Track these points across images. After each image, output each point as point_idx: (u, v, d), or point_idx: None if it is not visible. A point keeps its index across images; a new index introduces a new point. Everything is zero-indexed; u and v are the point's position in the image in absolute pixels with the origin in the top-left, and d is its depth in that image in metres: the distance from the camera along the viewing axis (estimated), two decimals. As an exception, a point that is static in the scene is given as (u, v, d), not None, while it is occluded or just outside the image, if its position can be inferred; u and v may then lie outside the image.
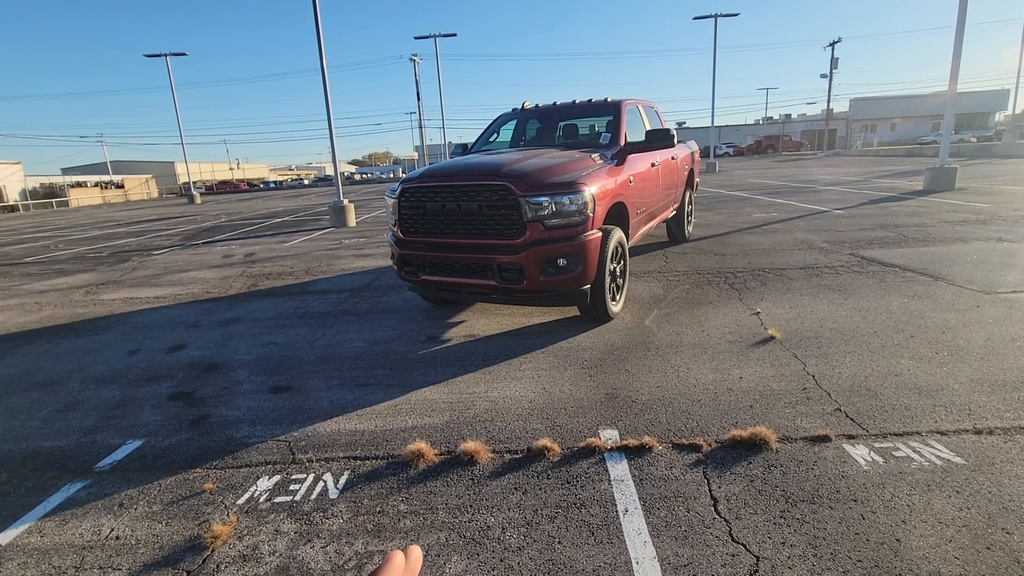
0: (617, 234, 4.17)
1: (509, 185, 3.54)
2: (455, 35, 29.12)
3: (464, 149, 5.60)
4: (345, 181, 64.19)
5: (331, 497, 2.28)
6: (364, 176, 73.51)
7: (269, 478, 2.45)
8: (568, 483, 2.28)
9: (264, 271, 7.60)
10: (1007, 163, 19.94)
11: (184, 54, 29.46)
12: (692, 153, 7.55)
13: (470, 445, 2.54)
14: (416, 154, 74.56)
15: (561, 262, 3.66)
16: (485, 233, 3.71)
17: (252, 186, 68.27)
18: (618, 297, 4.40)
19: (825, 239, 7.12)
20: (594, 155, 4.23)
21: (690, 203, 7.76)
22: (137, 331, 4.98)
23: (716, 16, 24.71)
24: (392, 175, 68.82)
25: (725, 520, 1.98)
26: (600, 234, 3.83)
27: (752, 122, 72.36)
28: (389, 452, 2.60)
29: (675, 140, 4.59)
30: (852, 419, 2.62)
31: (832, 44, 37.72)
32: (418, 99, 48.42)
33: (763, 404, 2.83)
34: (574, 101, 5.56)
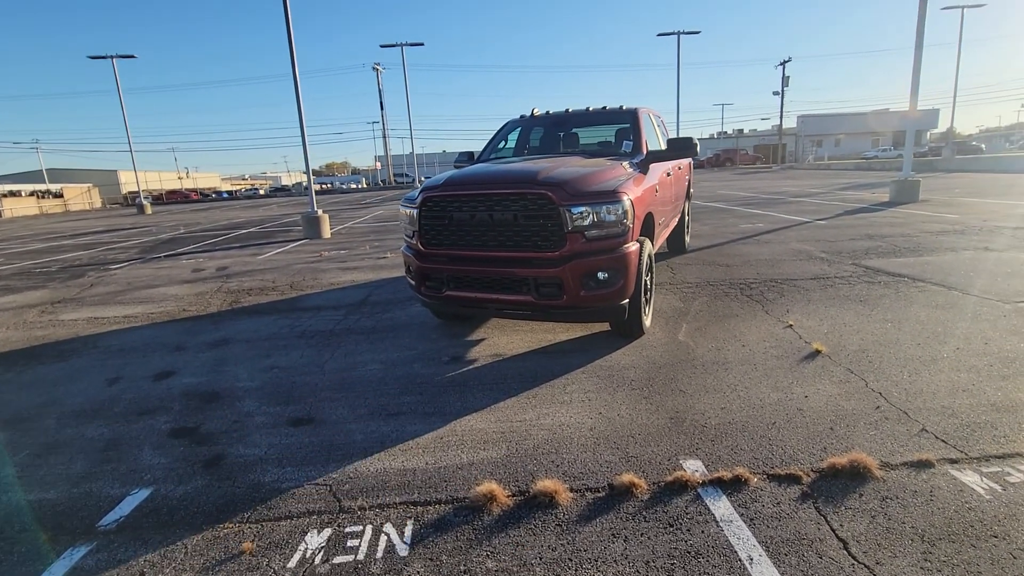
0: (648, 245, 3.99)
1: (548, 193, 3.30)
2: (422, 44, 28.88)
3: (470, 158, 5.33)
4: (304, 191, 62.42)
5: (401, 554, 1.94)
6: (325, 186, 71.69)
7: (319, 532, 2.08)
8: (671, 526, 2.03)
9: (244, 286, 7.05)
10: (952, 177, 21.24)
11: (132, 56, 27.97)
12: (689, 163, 7.54)
13: (546, 484, 2.25)
14: (378, 164, 73.33)
15: (602, 275, 3.43)
16: (520, 245, 3.44)
17: (204, 196, 65.39)
18: (647, 311, 4.21)
19: (821, 249, 7.20)
20: (624, 163, 4.04)
21: (687, 214, 7.73)
22: (112, 355, 4.42)
23: (679, 33, 25.48)
24: (355, 185, 67.39)
25: (867, 567, 1.77)
26: (638, 245, 3.63)
27: (708, 136, 75.08)
28: (452, 494, 2.28)
29: (698, 149, 4.48)
30: (944, 441, 2.48)
31: (783, 63, 39.64)
32: (381, 108, 47.74)
33: (843, 426, 2.66)
34: (587, 108, 5.39)
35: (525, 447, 2.64)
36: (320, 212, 12.35)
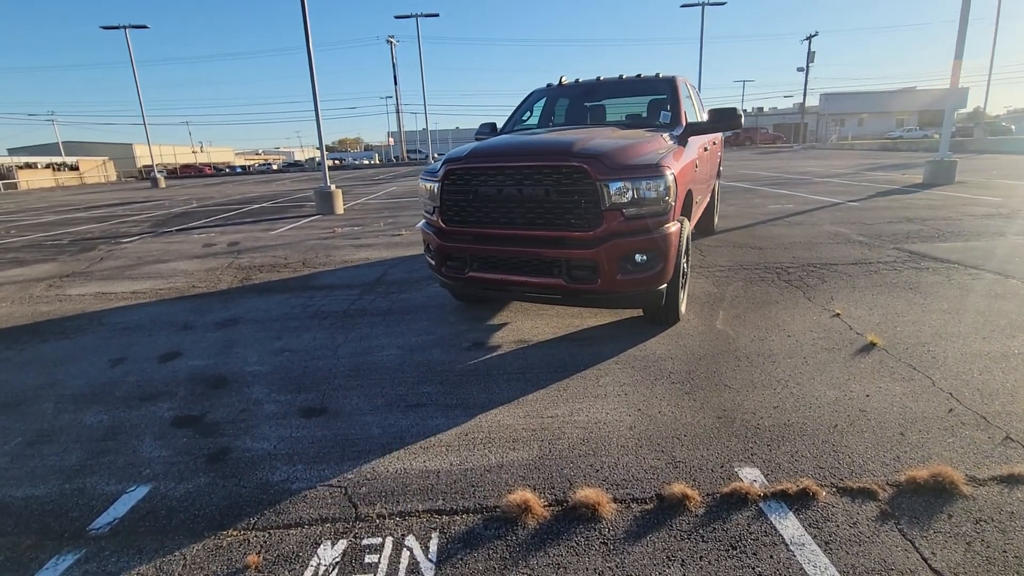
0: (687, 226, 3.68)
1: (584, 166, 2.98)
2: (437, 15, 28.03)
3: (493, 129, 4.99)
4: (316, 166, 62.15)
5: (426, 575, 1.71)
6: (337, 162, 71.24)
7: (332, 544, 1.86)
8: (733, 548, 1.77)
9: (255, 262, 6.83)
10: (983, 158, 20.37)
11: (144, 27, 27.53)
12: (721, 138, 7.11)
13: (587, 493, 2.00)
14: (391, 140, 72.60)
15: (640, 258, 3.13)
16: (552, 223, 3.14)
17: (218, 170, 65.39)
18: (683, 296, 3.91)
19: (858, 232, 6.80)
20: (664, 135, 3.69)
21: (716, 193, 7.34)
22: (117, 334, 4.23)
23: (704, 4, 24.43)
24: (367, 161, 66.90)
25: (974, 607, 1.51)
26: (679, 225, 3.32)
27: (727, 114, 73.02)
28: (482, 503, 2.04)
29: (742, 120, 4.10)
30: (1036, 452, 2.19)
31: (809, 38, 38.09)
32: (395, 83, 47.02)
33: (915, 431, 2.38)
34: (620, 76, 5.00)
35: (559, 447, 2.39)
36: (333, 187, 12.07)
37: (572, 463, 2.27)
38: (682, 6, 24.92)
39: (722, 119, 4.11)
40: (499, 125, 5.07)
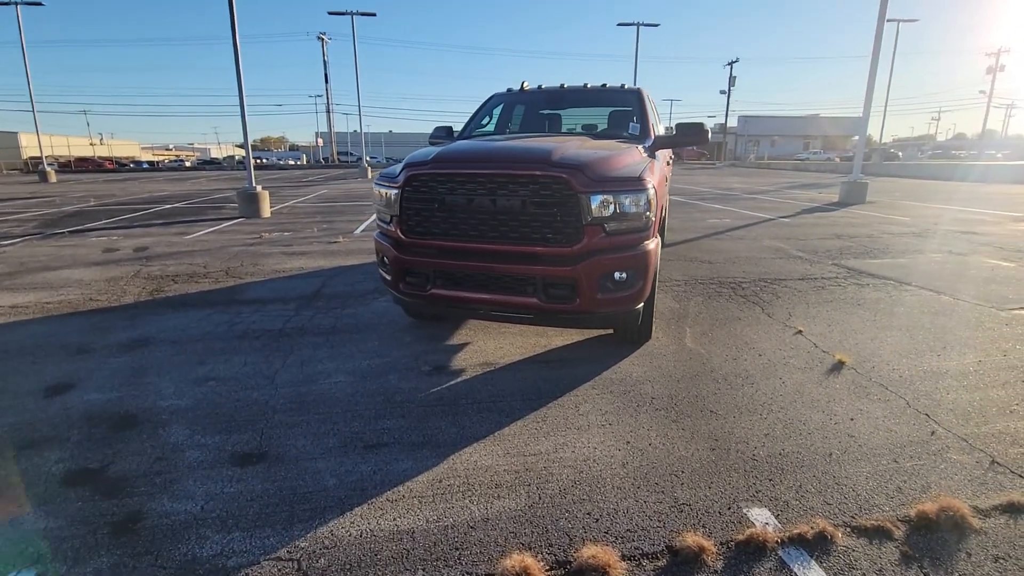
0: (659, 241, 3.55)
1: (565, 177, 2.74)
2: (374, 15, 27.12)
3: (449, 133, 4.66)
4: (237, 165, 58.35)
5: None
6: (260, 161, 67.21)
7: (287, 646, 1.45)
8: (765, 612, 1.56)
9: (167, 271, 6.02)
10: (881, 180, 22.51)
11: (39, 3, 24.54)
12: (671, 153, 7.19)
13: (593, 552, 1.73)
14: (320, 140, 69.58)
15: (620, 276, 2.93)
16: (527, 238, 2.87)
17: (121, 165, 59.68)
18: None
19: (796, 247, 7.09)
20: (639, 147, 3.54)
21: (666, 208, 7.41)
22: (-11, 361, 3.46)
23: (638, 24, 25.40)
24: (293, 162, 63.66)
25: (1031, 670, 1.38)
26: (657, 241, 3.16)
27: (654, 131, 76.66)
28: (471, 570, 1.71)
29: (709, 135, 4.06)
30: (1021, 476, 2.18)
31: (731, 63, 40.82)
32: (326, 81, 45.22)
33: (907, 458, 2.32)
34: (585, 85, 4.85)
35: (549, 492, 2.10)
36: (259, 188, 11.14)
37: (567, 512, 1.99)
38: (618, 24, 25.84)
39: (688, 134, 4.04)
40: (455, 129, 4.75)
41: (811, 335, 3.80)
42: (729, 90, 39.54)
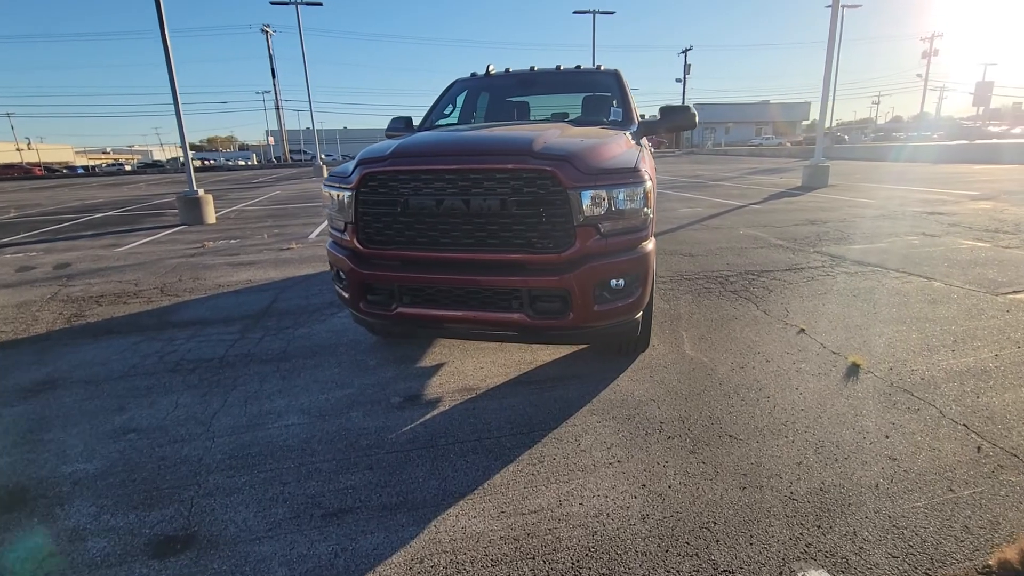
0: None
1: (551, 170, 2.31)
2: (320, 3, 25.84)
3: (408, 125, 4.14)
4: (181, 168, 55.42)
5: None
6: (208, 163, 63.99)
7: None
8: None
9: (92, 291, 5.29)
10: (833, 163, 23.01)
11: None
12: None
13: (630, 664, 1.32)
14: (271, 139, 66.81)
15: (617, 283, 2.53)
16: (508, 244, 2.42)
17: (52, 171, 55.81)
18: (643, 318, 3.40)
19: (774, 235, 6.90)
20: (626, 134, 3.14)
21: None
22: None
23: (595, 12, 25.13)
24: (244, 162, 60.95)
25: None
26: (654, 241, 2.78)
27: (612, 121, 77.14)
28: None
29: (696, 119, 3.70)
30: (1100, 501, 1.91)
31: (685, 51, 41.21)
32: (273, 76, 43.45)
33: (961, 484, 2.01)
34: (558, 67, 4.41)
35: (560, 568, 1.68)
36: (202, 192, 10.25)
37: (586, 596, 1.58)
38: (574, 12, 25.53)
39: (674, 117, 3.67)
40: (415, 121, 4.24)
41: (815, 334, 3.52)
42: (685, 78, 39.99)
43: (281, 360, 3.38)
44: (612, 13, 25.41)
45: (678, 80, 40.06)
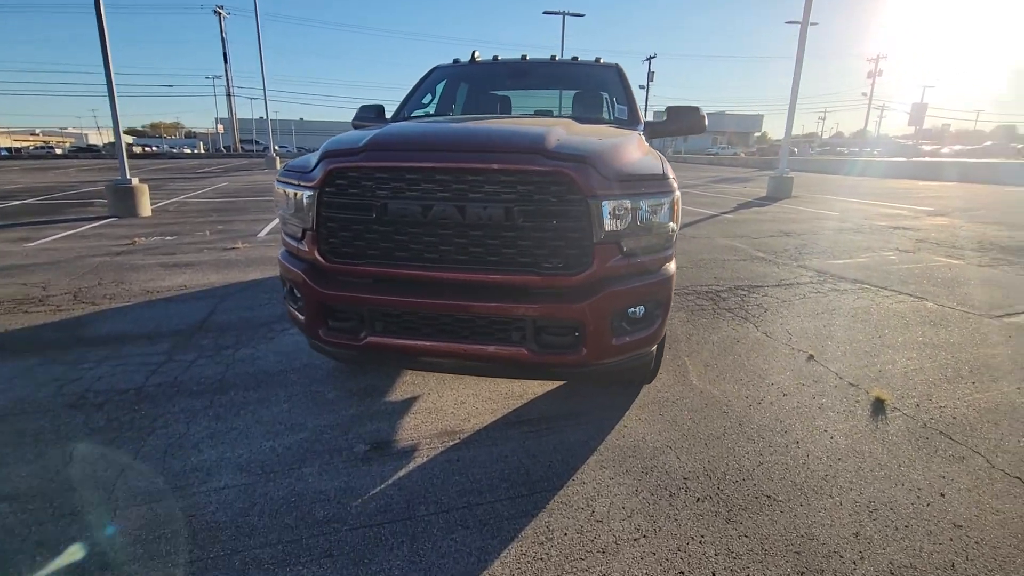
0: None
1: (570, 174, 1.86)
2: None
3: (380, 114, 3.60)
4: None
5: None
6: (149, 149, 59.98)
7: None
8: None
9: (-13, 296, 4.44)
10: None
11: None
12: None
13: None
14: (221, 127, 63.35)
15: (635, 312, 2.11)
16: (512, 262, 1.96)
17: (-30, 152, 51.00)
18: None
19: (753, 247, 6.73)
20: (638, 134, 2.73)
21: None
22: None
23: (564, 14, 24.95)
24: (190, 150, 57.56)
25: None
26: (674, 260, 2.38)
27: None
28: None
29: (705, 123, 3.34)
30: None
31: (649, 59, 41.78)
32: (225, 60, 41.45)
33: (1051, 563, 1.70)
34: (553, 58, 3.97)
35: None
36: (135, 181, 9.22)
37: None
38: (544, 12, 25.23)
39: (683, 119, 3.31)
40: (387, 111, 3.70)
41: (826, 361, 3.23)
42: (648, 85, 40.55)
43: (217, 392, 2.78)
44: (582, 15, 25.32)
45: (642, 87, 40.57)
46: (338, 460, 2.20)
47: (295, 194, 2.13)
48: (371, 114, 3.55)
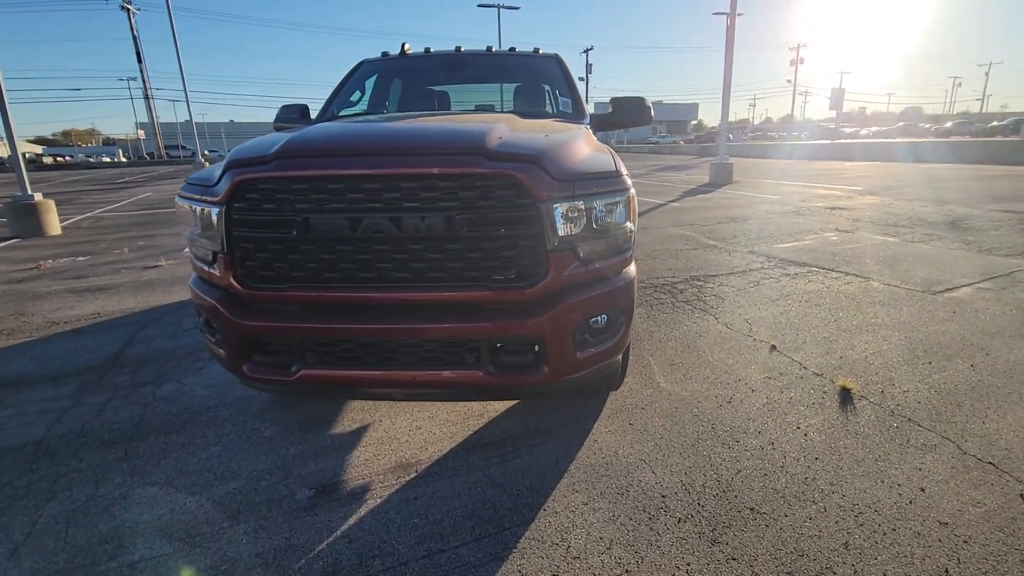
0: None
1: (517, 176, 1.65)
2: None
3: (304, 114, 3.27)
4: (29, 166, 47.51)
5: None
6: (61, 159, 55.33)
7: None
8: None
9: None
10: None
11: None
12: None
13: None
14: (142, 133, 59.15)
15: (598, 321, 1.94)
16: (459, 276, 1.73)
17: None
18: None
19: (703, 234, 6.77)
20: (584, 127, 2.56)
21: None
22: None
23: (499, 6, 24.69)
24: (108, 159, 53.54)
25: None
26: (634, 262, 2.22)
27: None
28: None
29: (652, 114, 3.22)
30: None
31: (586, 51, 42.22)
32: (139, 60, 38.90)
33: (1036, 555, 1.66)
34: (489, 49, 3.73)
35: None
36: (39, 197, 8.31)
37: None
38: (479, 5, 24.85)
39: (629, 111, 3.17)
40: (312, 111, 3.37)
41: (788, 351, 3.19)
42: (587, 77, 40.97)
43: (132, 439, 2.41)
44: (517, 8, 25.16)
45: (581, 79, 40.94)
46: (277, 512, 1.92)
47: (201, 211, 1.82)
48: (294, 114, 3.22)
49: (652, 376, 2.92)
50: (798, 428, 2.38)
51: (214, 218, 1.76)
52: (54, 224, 8.36)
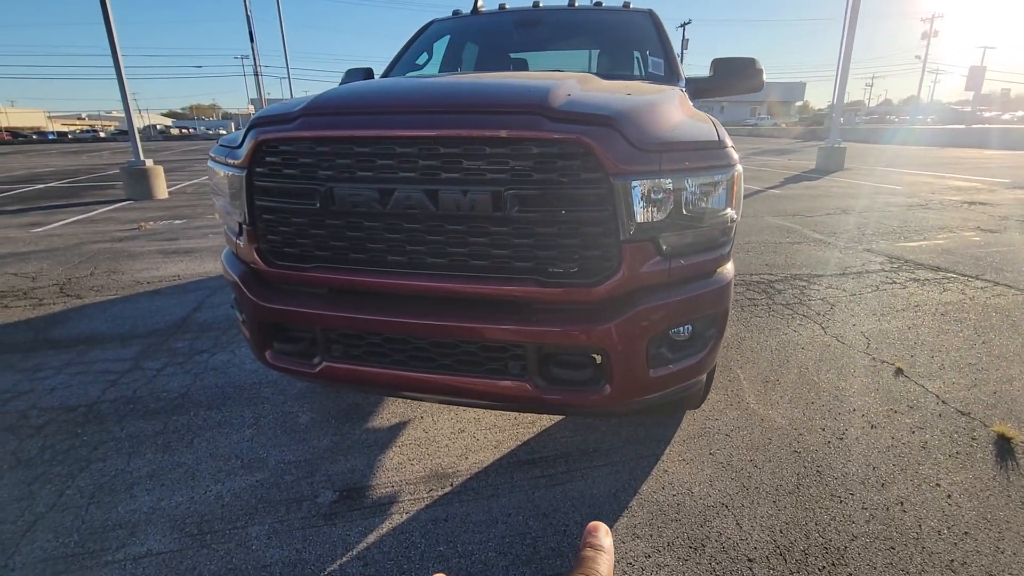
0: None
1: (587, 141, 1.28)
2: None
3: (367, 75, 3.06)
4: (158, 136, 53.04)
5: None
6: (184, 131, 61.23)
7: None
8: None
9: (-30, 288, 4.17)
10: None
11: None
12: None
13: None
14: (251, 108, 63.85)
15: (681, 333, 1.53)
16: (506, 266, 1.40)
17: (19, 136, 53.11)
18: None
19: (808, 227, 5.94)
20: (679, 89, 2.10)
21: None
22: None
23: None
24: (224, 131, 58.44)
25: None
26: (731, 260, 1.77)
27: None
28: None
29: (763, 78, 2.67)
30: None
31: (683, 25, 39.60)
32: (251, 39, 41.32)
33: None
34: (571, 2, 3.32)
35: None
36: (150, 163, 8.98)
37: None
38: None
39: (733, 75, 2.64)
40: (378, 73, 3.15)
41: (919, 377, 2.57)
42: (682, 53, 38.40)
43: (173, 411, 2.35)
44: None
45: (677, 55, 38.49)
46: (295, 515, 1.73)
47: (225, 175, 1.61)
48: (358, 76, 3.00)
49: (741, 394, 2.44)
50: (938, 486, 1.84)
51: (237, 183, 1.55)
52: (162, 188, 9.01)
